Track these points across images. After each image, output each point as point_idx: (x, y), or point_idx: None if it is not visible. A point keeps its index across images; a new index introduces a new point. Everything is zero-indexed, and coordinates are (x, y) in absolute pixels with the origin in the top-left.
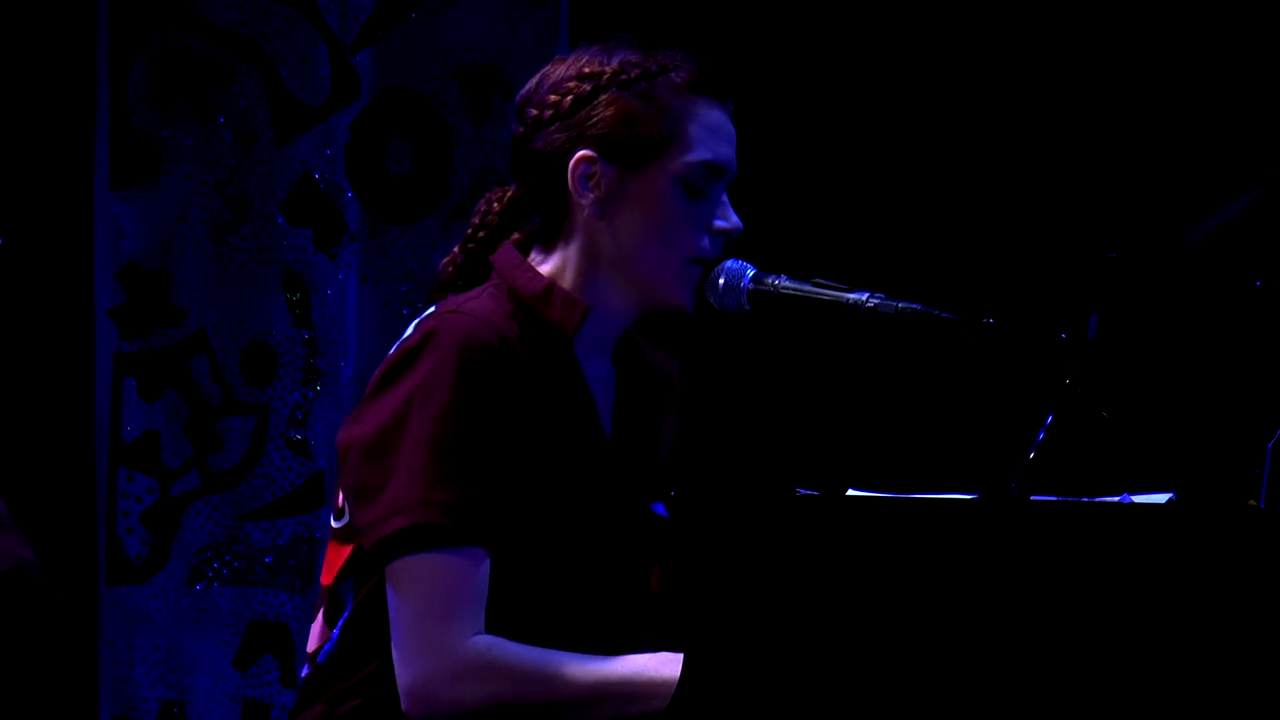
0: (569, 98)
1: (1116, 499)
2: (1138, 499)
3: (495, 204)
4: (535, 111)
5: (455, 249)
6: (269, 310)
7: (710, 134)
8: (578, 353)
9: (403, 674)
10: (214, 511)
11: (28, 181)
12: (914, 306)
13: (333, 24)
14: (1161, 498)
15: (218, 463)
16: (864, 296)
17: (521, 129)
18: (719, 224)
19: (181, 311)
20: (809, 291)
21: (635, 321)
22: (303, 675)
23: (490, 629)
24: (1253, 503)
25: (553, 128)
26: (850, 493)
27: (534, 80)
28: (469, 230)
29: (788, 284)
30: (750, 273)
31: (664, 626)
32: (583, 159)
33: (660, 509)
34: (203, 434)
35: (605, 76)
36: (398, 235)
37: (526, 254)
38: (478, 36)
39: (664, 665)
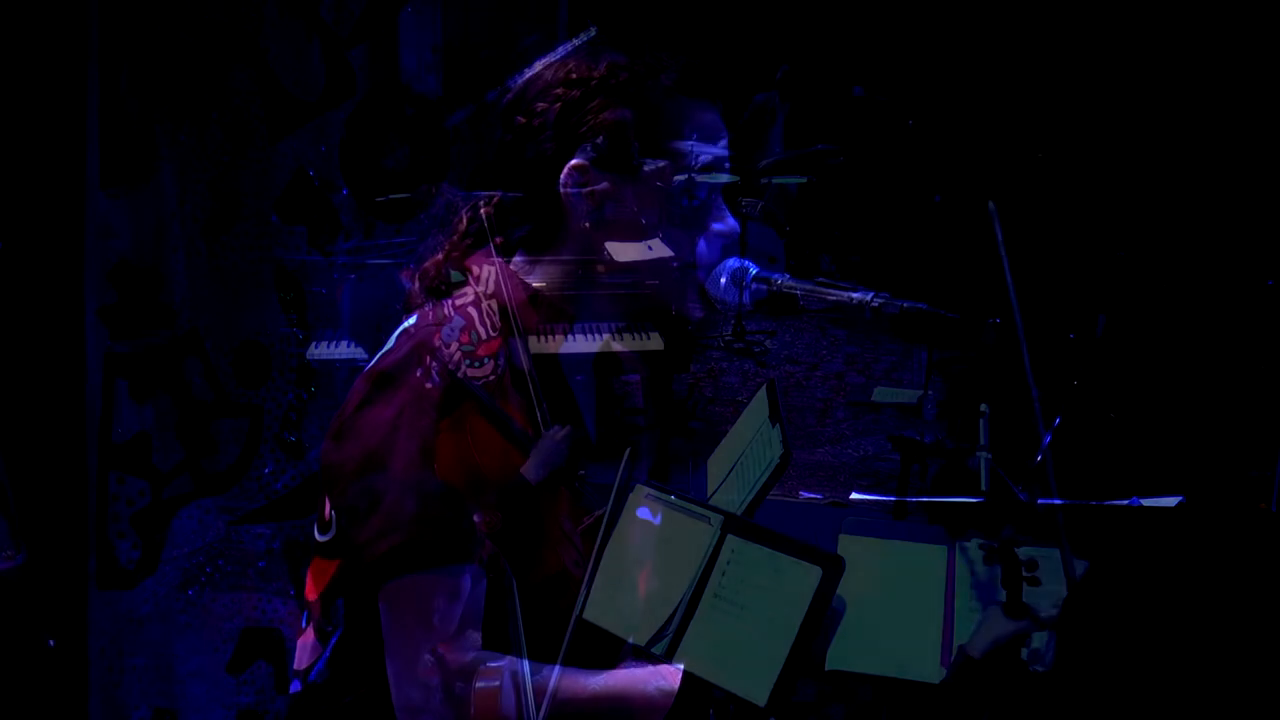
0: (558, 105)
1: (1125, 502)
2: (1147, 503)
3: (483, 210)
4: (524, 120)
5: (440, 256)
6: (262, 310)
7: (703, 136)
8: (562, 360)
9: (398, 691)
10: (206, 515)
11: (16, 179)
12: (919, 305)
13: (328, 19)
14: (1171, 501)
15: (210, 465)
16: (869, 295)
17: (510, 137)
18: (716, 227)
19: (173, 311)
20: (813, 290)
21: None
22: (293, 691)
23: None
24: (1264, 506)
25: (543, 136)
26: (854, 496)
27: (520, 85)
28: (455, 237)
29: (791, 282)
30: (753, 271)
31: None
32: (575, 169)
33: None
34: (195, 436)
35: (594, 82)
36: (393, 234)
37: (510, 258)
38: (475, 33)
39: (664, 677)
